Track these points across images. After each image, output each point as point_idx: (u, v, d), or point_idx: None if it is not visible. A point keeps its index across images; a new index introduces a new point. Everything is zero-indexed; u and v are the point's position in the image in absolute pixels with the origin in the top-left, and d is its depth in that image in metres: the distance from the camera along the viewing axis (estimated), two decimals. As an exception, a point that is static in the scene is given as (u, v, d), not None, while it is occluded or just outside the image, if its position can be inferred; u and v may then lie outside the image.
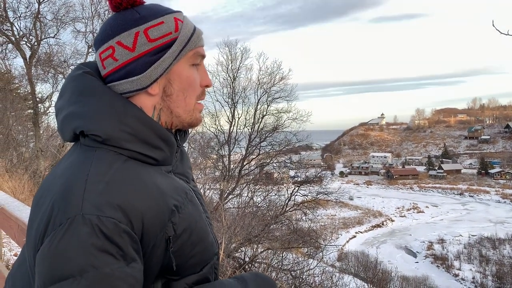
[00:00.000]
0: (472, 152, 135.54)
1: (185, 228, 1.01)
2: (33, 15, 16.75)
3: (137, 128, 0.98)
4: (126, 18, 1.02)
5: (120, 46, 1.00)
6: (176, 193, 1.03)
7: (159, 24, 1.02)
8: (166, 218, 0.97)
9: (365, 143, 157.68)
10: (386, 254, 53.59)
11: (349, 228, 70.96)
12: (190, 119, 1.10)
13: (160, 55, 1.01)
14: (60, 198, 0.89)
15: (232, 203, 20.35)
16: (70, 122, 1.00)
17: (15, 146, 15.52)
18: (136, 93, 1.02)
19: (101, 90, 1.01)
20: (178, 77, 1.05)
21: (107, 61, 1.02)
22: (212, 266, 1.13)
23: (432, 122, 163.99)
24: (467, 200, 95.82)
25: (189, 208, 1.05)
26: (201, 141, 23.47)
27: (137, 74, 1.00)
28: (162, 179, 1.01)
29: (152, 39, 1.01)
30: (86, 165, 0.94)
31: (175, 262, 1.00)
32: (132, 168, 0.96)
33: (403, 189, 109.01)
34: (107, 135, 0.96)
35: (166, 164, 1.06)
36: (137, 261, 0.90)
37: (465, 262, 53.16)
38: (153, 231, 0.94)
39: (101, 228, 0.85)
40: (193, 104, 1.09)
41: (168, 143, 1.04)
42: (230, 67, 24.62)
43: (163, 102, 1.05)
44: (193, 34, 1.06)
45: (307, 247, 18.27)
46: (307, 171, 24.88)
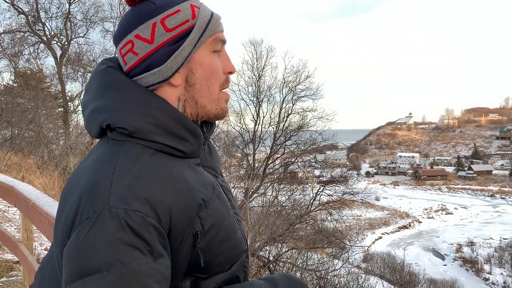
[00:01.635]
0: (504, 152, 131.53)
1: (213, 224, 0.99)
2: (64, 15, 17.19)
3: (163, 120, 0.97)
4: (142, 10, 1.00)
5: (139, 39, 0.99)
6: (204, 187, 1.01)
7: (176, 12, 1.00)
8: (193, 212, 0.95)
9: (392, 143, 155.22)
10: (413, 256, 52.66)
11: (375, 229, 70.01)
12: (216, 109, 1.07)
13: (179, 44, 0.99)
14: (87, 192, 0.89)
15: (256, 202, 20.36)
16: (96, 116, 0.99)
17: (46, 143, 15.96)
18: (159, 86, 1.00)
19: (126, 83, 0.99)
20: (200, 65, 1.03)
21: (128, 56, 1.01)
22: (241, 264, 1.10)
23: (462, 121, 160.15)
24: (498, 202, 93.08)
25: (217, 203, 1.02)
26: (226, 139, 23.58)
27: (158, 65, 0.99)
28: (190, 173, 0.99)
29: (169, 29, 0.99)
30: (113, 158, 0.93)
31: (203, 258, 0.97)
32: (159, 162, 0.95)
33: (431, 190, 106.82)
34: (134, 128, 0.95)
35: (194, 156, 1.04)
36: (165, 257, 0.88)
37: (495, 266, 51.65)
38: (181, 225, 0.93)
39: (128, 222, 0.84)
40: (218, 93, 1.06)
41: (195, 135, 1.02)
42: (255, 66, 24.63)
43: (187, 92, 1.03)
44: (211, 20, 1.04)
45: (332, 247, 18.14)
46: (333, 170, 24.69)
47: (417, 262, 49.41)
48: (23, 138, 15.65)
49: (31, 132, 16.50)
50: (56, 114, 18.63)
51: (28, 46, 17.37)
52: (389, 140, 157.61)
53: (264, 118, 24.48)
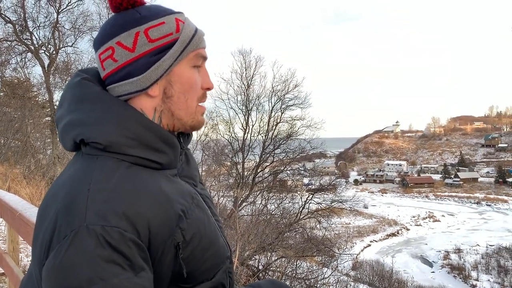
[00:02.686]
0: (489, 160, 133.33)
1: (194, 233, 0.99)
2: (52, 25, 17.10)
3: (138, 133, 0.96)
4: (126, 18, 1.00)
5: (120, 47, 0.98)
6: (182, 197, 1.00)
7: (160, 24, 1.00)
8: (173, 224, 0.94)
9: (380, 151, 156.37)
10: (401, 264, 52.87)
11: (363, 236, 70.19)
12: (192, 121, 1.07)
13: (160, 56, 0.99)
14: (63, 210, 0.87)
15: (245, 211, 20.31)
16: (69, 131, 0.98)
17: (32, 153, 15.78)
18: (136, 95, 1.00)
19: (100, 96, 0.99)
20: (179, 79, 1.02)
21: (107, 62, 1.00)
22: (225, 271, 1.10)
23: (448, 129, 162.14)
24: (484, 209, 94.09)
25: (196, 212, 1.02)
26: (215, 148, 23.53)
27: (137, 75, 0.98)
28: (167, 184, 0.99)
29: (152, 40, 0.98)
30: (88, 174, 0.91)
31: (187, 268, 0.97)
32: (135, 174, 0.94)
33: (419, 198, 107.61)
34: (108, 142, 0.93)
35: (171, 167, 1.04)
36: (146, 270, 0.88)
37: (483, 272, 52.09)
38: (161, 238, 0.92)
39: (107, 238, 0.83)
40: (195, 107, 1.06)
41: (172, 146, 1.02)
42: (244, 75, 24.73)
43: (164, 104, 1.02)
44: (195, 35, 1.04)
45: (321, 255, 18.13)
46: (321, 178, 24.76)
47: (406, 270, 49.61)
48: (9, 148, 15.44)
49: (17, 142, 16.30)
50: (43, 123, 18.43)
51: (15, 55, 17.22)
52: (376, 148, 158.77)
53: (253, 126, 24.57)
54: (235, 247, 9.75)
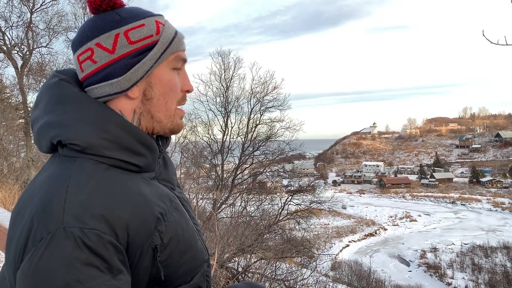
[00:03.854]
0: (464, 160, 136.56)
1: (172, 236, 0.99)
2: (25, 25, 16.73)
3: (117, 135, 0.95)
4: (106, 19, 0.99)
5: (100, 48, 0.97)
6: (161, 200, 1.00)
7: (140, 26, 0.99)
8: (152, 226, 0.94)
9: (358, 152, 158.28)
10: (379, 263, 53.54)
11: (342, 237, 70.84)
12: (171, 124, 1.07)
13: (140, 58, 0.99)
14: (39, 212, 0.86)
15: (225, 213, 20.25)
16: (46, 132, 0.96)
17: (5, 156, 15.36)
18: (115, 97, 0.99)
19: (78, 97, 0.98)
20: (159, 81, 1.02)
21: (86, 64, 0.99)
22: (203, 275, 1.11)
23: (423, 131, 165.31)
24: (459, 209, 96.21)
25: (175, 215, 1.02)
26: (194, 150, 23.38)
27: (117, 76, 0.97)
28: (146, 187, 0.99)
29: (132, 41, 0.98)
30: (66, 176, 0.90)
31: (165, 271, 0.97)
32: (114, 177, 0.94)
33: (396, 198, 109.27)
34: (86, 144, 0.93)
35: (149, 170, 1.03)
36: (124, 273, 0.88)
37: (458, 270, 53.20)
38: (139, 240, 0.92)
39: (84, 240, 0.82)
40: (174, 109, 1.06)
41: (150, 149, 1.01)
42: (223, 77, 24.64)
43: (143, 106, 1.02)
44: (175, 38, 1.04)
45: (301, 256, 18.22)
46: (300, 180, 24.86)
47: (383, 269, 50.27)
48: (-19, 151, 15.01)
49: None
50: (16, 125, 17.99)
51: (-13, 55, 16.80)
52: (354, 149, 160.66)
53: (233, 128, 24.50)
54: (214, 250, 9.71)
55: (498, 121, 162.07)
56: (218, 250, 9.64)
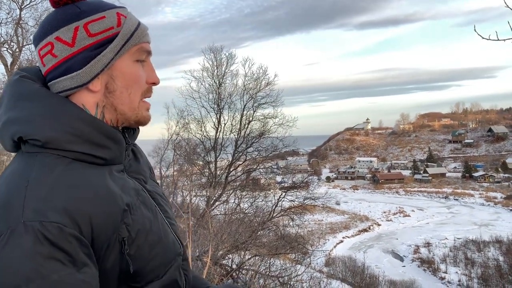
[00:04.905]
0: (456, 155, 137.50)
1: (139, 229, 0.97)
2: (15, 21, 16.50)
3: (78, 128, 0.94)
4: (65, 13, 0.98)
5: (59, 42, 0.96)
6: (127, 194, 0.99)
7: (101, 18, 0.98)
8: (118, 219, 0.93)
9: (351, 148, 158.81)
10: (373, 259, 53.84)
11: (336, 233, 71.15)
12: (136, 117, 1.05)
13: (100, 50, 0.98)
14: (0, 208, 0.85)
15: (218, 210, 20.23)
16: (8, 129, 0.94)
17: (-4, 154, 15.23)
18: (77, 90, 0.98)
19: (38, 92, 0.96)
20: (121, 73, 1.01)
21: (47, 58, 0.98)
22: (178, 268, 1.09)
23: (416, 126, 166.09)
24: (452, 204, 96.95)
25: (142, 209, 1.01)
26: (187, 147, 23.33)
27: (77, 69, 0.96)
28: (112, 180, 0.97)
29: (92, 34, 0.97)
30: (26, 171, 0.89)
31: (134, 265, 0.95)
32: (76, 170, 0.92)
33: (389, 193, 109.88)
34: (47, 138, 0.91)
35: (117, 163, 1.02)
36: (90, 266, 0.86)
37: (451, 265, 53.65)
38: (105, 233, 0.90)
39: (45, 234, 0.81)
40: (138, 102, 1.05)
41: (116, 141, 1.00)
42: (215, 73, 24.51)
43: (106, 99, 1.01)
44: (137, 29, 1.03)
45: (295, 253, 18.24)
46: (294, 176, 24.90)
47: (377, 264, 50.52)
48: (-30, 150, 14.88)
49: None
50: (7, 123, 17.87)
51: (-25, 52, 16.58)
52: (348, 145, 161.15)
53: (225, 125, 24.40)
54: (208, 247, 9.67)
55: (490, 116, 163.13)
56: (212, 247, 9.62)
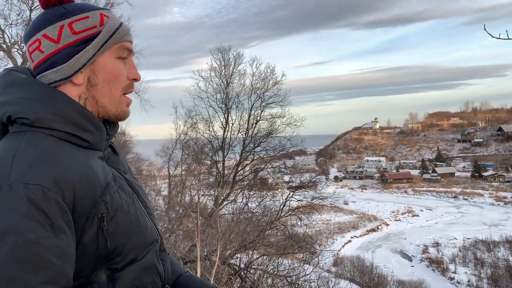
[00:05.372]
0: (465, 155, 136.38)
1: (117, 208, 1.03)
2: (25, 23, 16.65)
3: (65, 111, 1.01)
4: (53, 13, 1.06)
5: (46, 39, 1.04)
6: (107, 175, 1.05)
7: (84, 18, 1.07)
8: (97, 194, 0.98)
9: (359, 148, 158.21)
10: (381, 259, 53.60)
11: (344, 232, 70.95)
12: (116, 111, 1.12)
13: (83, 46, 1.05)
14: None
15: (226, 209, 20.27)
16: None
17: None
18: (61, 83, 1.05)
19: (26, 80, 1.05)
20: (103, 69, 1.08)
21: (35, 54, 1.06)
22: (156, 254, 1.14)
23: (425, 125, 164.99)
24: (461, 203, 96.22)
25: (120, 192, 1.07)
26: (194, 147, 23.39)
27: (61, 63, 1.04)
28: (93, 161, 1.03)
29: (76, 32, 1.05)
30: (15, 146, 0.95)
31: (113, 243, 1.00)
32: (63, 147, 0.98)
33: (398, 193, 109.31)
34: (36, 117, 0.98)
35: (97, 149, 1.08)
36: (67, 234, 0.90)
37: (460, 265, 53.26)
38: (86, 204, 0.95)
39: (28, 194, 0.86)
40: (119, 96, 1.12)
41: (97, 127, 1.07)
42: (223, 73, 24.53)
43: (88, 92, 1.08)
44: (118, 29, 1.10)
45: (303, 252, 18.22)
46: (302, 176, 24.85)
47: (386, 264, 50.31)
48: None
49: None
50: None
51: (-14, 54, 16.75)
52: (356, 144, 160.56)
53: (233, 125, 24.42)
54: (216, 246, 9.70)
55: (500, 115, 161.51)
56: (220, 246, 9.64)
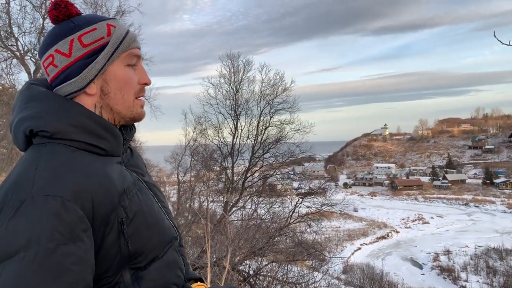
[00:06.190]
0: (477, 162, 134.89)
1: (136, 211, 1.08)
2: (38, 31, 16.92)
3: (82, 121, 1.07)
4: (62, 28, 1.12)
5: (58, 54, 1.10)
6: (125, 180, 1.10)
7: (92, 30, 1.12)
8: (116, 201, 1.03)
9: (369, 154, 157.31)
10: (391, 266, 53.10)
11: (354, 240, 70.44)
12: (131, 114, 1.18)
13: (93, 58, 1.11)
14: (12, 187, 0.96)
15: (235, 216, 20.26)
16: (20, 127, 1.08)
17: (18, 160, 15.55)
18: (76, 94, 1.11)
19: (45, 94, 1.10)
20: (114, 77, 1.14)
21: (49, 68, 1.12)
22: (176, 250, 1.21)
23: (435, 132, 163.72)
24: (472, 211, 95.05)
25: (139, 194, 1.12)
26: (204, 153, 23.46)
27: (74, 76, 1.10)
28: (111, 167, 1.08)
29: (85, 44, 1.10)
30: (36, 157, 1.01)
31: (134, 244, 1.06)
32: (81, 156, 1.04)
33: (408, 200, 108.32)
34: (55, 129, 1.04)
35: (115, 155, 1.14)
36: (85, 241, 0.95)
37: (472, 273, 52.52)
38: (104, 212, 1.00)
39: (49, 206, 0.91)
40: (132, 101, 1.17)
41: (113, 134, 1.12)
42: (232, 80, 24.65)
43: (102, 100, 1.14)
44: (125, 37, 1.15)
45: (312, 259, 18.13)
46: (311, 182, 24.79)
47: (396, 272, 49.78)
48: (-6, 155, 15.22)
49: (3, 149, 16.08)
50: (29, 130, 18.21)
51: (0, 61, 17.01)
52: (365, 151, 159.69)
53: (242, 131, 24.48)
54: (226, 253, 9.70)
55: (511, 122, 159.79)
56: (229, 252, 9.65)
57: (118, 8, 16.46)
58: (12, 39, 16.78)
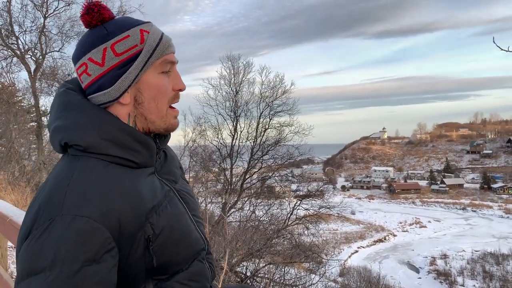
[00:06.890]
0: (474, 166, 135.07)
1: (164, 227, 1.08)
2: (39, 30, 16.93)
3: (115, 135, 1.06)
4: (95, 35, 1.10)
5: (92, 62, 1.09)
6: (155, 194, 1.10)
7: (125, 38, 1.09)
8: (143, 219, 1.04)
9: (367, 157, 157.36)
10: (388, 270, 53.07)
11: (351, 242, 70.41)
12: (164, 124, 1.17)
13: (126, 68, 1.09)
14: (45, 201, 0.98)
15: (234, 217, 20.26)
16: (56, 136, 1.09)
17: (17, 159, 15.55)
18: (110, 104, 1.11)
19: (81, 103, 1.10)
20: (147, 86, 1.12)
21: (83, 76, 1.11)
22: (202, 261, 1.20)
23: (434, 136, 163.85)
24: (469, 215, 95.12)
25: (168, 208, 1.12)
26: (203, 154, 23.45)
27: (108, 87, 1.09)
28: (142, 182, 1.09)
29: (118, 54, 1.09)
30: (70, 172, 1.02)
31: (160, 260, 1.06)
32: (112, 172, 1.05)
33: (405, 204, 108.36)
34: (88, 144, 1.05)
35: (148, 166, 1.13)
36: (108, 261, 0.96)
37: (468, 278, 52.56)
38: (131, 230, 1.01)
39: (77, 226, 0.93)
40: (165, 110, 1.16)
41: (146, 146, 1.12)
42: (232, 81, 24.71)
43: (136, 110, 1.13)
44: (159, 44, 1.13)
45: (309, 262, 18.15)
46: (309, 184, 24.80)
47: (393, 275, 49.79)
48: (-7, 154, 15.20)
49: (1, 147, 16.07)
50: (28, 128, 18.19)
51: (1, 60, 17.01)
52: (363, 154, 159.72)
53: (242, 132, 24.51)
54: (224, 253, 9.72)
55: (509, 127, 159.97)
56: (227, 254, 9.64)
57: (119, 8, 16.44)
58: (12, 37, 16.78)
